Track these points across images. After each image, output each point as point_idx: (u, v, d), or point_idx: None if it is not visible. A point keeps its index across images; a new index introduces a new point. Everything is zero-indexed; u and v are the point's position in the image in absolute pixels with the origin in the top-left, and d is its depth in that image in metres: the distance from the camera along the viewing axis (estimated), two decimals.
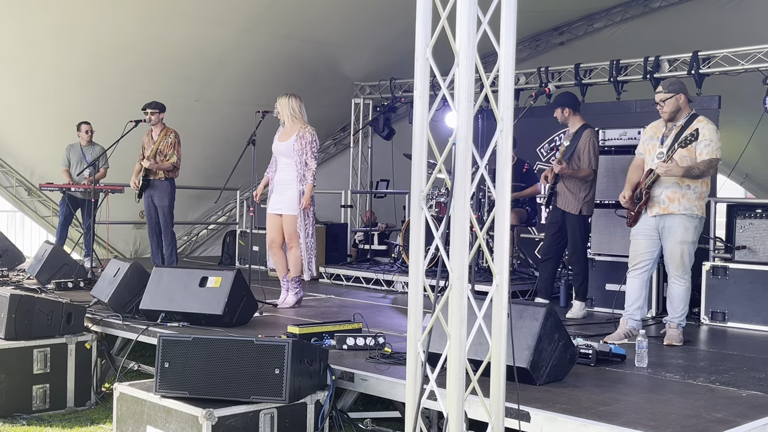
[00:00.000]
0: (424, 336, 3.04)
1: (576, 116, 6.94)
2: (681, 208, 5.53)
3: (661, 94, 5.63)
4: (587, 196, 6.88)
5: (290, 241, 6.88)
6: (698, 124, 5.52)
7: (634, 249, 5.72)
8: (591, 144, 6.82)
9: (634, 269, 5.71)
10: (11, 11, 8.83)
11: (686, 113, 5.63)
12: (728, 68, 8.48)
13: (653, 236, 5.64)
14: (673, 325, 5.69)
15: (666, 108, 5.59)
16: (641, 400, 4.15)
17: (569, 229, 6.92)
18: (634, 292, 5.71)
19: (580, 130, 6.89)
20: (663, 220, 5.58)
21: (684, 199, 5.53)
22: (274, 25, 9.84)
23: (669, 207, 5.55)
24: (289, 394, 4.02)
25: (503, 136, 3.00)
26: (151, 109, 8.45)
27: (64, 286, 7.56)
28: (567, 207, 6.87)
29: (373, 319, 6.24)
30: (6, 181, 10.94)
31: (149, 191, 8.54)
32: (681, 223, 5.54)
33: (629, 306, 5.72)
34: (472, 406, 3.58)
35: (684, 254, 5.57)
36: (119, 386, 4.41)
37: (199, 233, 12.94)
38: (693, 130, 5.42)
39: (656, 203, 5.58)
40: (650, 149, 5.70)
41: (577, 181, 6.84)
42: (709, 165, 5.49)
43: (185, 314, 5.86)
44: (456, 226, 2.86)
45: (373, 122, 11.22)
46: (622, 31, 12.01)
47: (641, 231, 5.69)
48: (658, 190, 5.57)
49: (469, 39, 2.86)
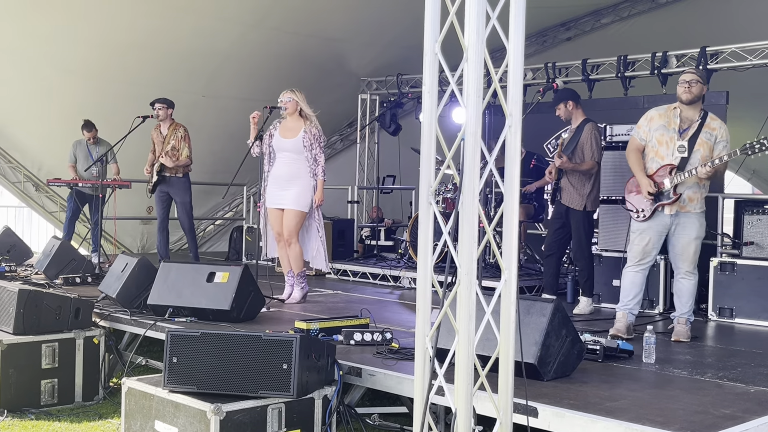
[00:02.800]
0: (433, 331, 3.04)
1: (578, 110, 6.93)
2: (697, 207, 5.55)
3: (691, 74, 5.56)
4: (591, 191, 6.85)
5: (290, 236, 6.88)
6: (714, 122, 5.53)
7: (643, 244, 5.61)
8: (593, 137, 6.79)
9: (641, 264, 5.64)
10: (18, 7, 8.84)
11: (701, 107, 5.59)
12: (736, 63, 8.44)
13: (663, 234, 5.60)
14: (682, 320, 5.67)
15: (694, 90, 5.48)
16: (649, 396, 4.14)
17: (573, 225, 6.89)
18: (636, 285, 5.65)
19: (582, 124, 6.87)
20: (679, 218, 5.54)
21: (700, 198, 5.57)
22: (281, 21, 9.83)
23: (688, 206, 5.53)
24: (297, 389, 4.03)
25: (512, 132, 3.00)
26: (160, 104, 8.47)
27: (71, 282, 7.59)
28: (571, 203, 6.85)
29: (380, 315, 6.25)
30: (14, 176, 10.97)
31: (164, 187, 8.57)
32: (697, 220, 5.55)
33: (630, 300, 5.64)
34: (480, 402, 3.58)
35: (697, 250, 5.60)
36: (127, 381, 4.42)
37: (206, 229, 12.96)
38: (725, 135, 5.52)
39: (677, 202, 5.53)
40: (667, 141, 5.53)
41: (580, 176, 6.81)
42: (725, 166, 5.58)
43: (193, 309, 5.88)
44: (465, 221, 2.85)
45: (379, 118, 11.20)
46: (630, 27, 11.98)
47: (654, 227, 5.59)
48: (681, 188, 5.51)
49: (478, 34, 2.85)
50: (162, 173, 8.50)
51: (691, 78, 5.52)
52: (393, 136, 11.05)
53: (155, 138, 8.60)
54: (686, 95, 5.51)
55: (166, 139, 8.49)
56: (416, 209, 10.14)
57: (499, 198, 8.03)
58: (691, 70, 5.72)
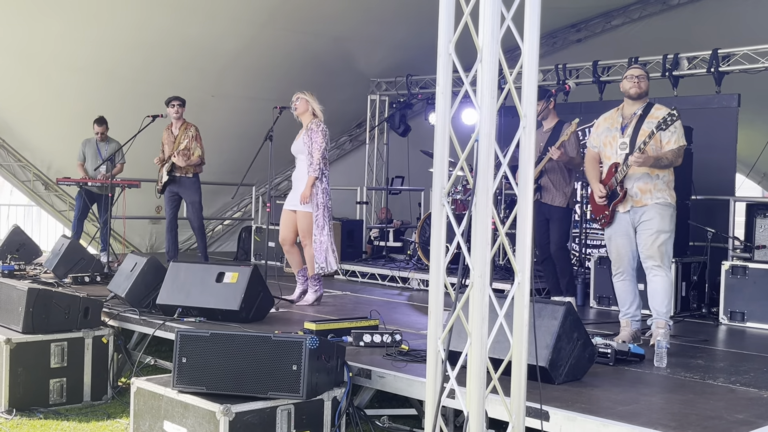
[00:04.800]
0: (445, 334, 3.02)
1: (554, 111, 6.95)
2: (654, 198, 5.33)
3: (639, 70, 5.51)
4: (571, 188, 6.89)
5: (304, 237, 6.85)
6: (662, 110, 5.34)
7: (615, 251, 5.50)
8: (575, 135, 6.79)
9: (620, 271, 5.50)
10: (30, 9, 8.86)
11: (646, 101, 5.47)
12: (748, 66, 8.40)
13: (630, 233, 5.42)
14: (661, 323, 5.32)
15: (643, 85, 5.41)
16: (661, 400, 4.11)
17: (555, 223, 6.86)
18: (628, 293, 5.50)
19: (558, 125, 6.87)
20: (636, 213, 5.37)
21: (656, 190, 5.34)
22: (290, 21, 9.83)
23: (642, 199, 5.35)
24: (307, 390, 4.01)
25: (526, 133, 2.98)
26: (176, 101, 8.48)
27: (80, 281, 7.58)
28: (554, 201, 6.85)
29: (389, 316, 6.23)
30: (23, 175, 10.99)
31: (174, 187, 8.57)
32: (657, 212, 5.31)
33: (627, 308, 5.50)
34: (492, 405, 3.55)
35: (661, 243, 5.31)
36: (136, 381, 4.41)
37: (215, 229, 12.96)
38: (666, 115, 5.23)
39: (629, 197, 5.38)
40: (610, 141, 5.48)
41: (560, 174, 6.82)
42: (678, 153, 5.32)
43: (202, 309, 5.86)
44: (478, 223, 2.83)
45: (389, 119, 11.18)
46: (640, 29, 11.94)
47: (618, 231, 5.46)
48: (629, 183, 5.37)
49: (492, 35, 2.84)
50: (172, 173, 8.49)
51: (640, 73, 5.48)
52: (402, 137, 11.04)
53: (166, 138, 8.58)
54: (635, 89, 5.42)
55: (177, 138, 8.48)
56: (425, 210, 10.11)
57: (508, 199, 8.01)
58: (637, 66, 5.67)
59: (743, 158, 11.96)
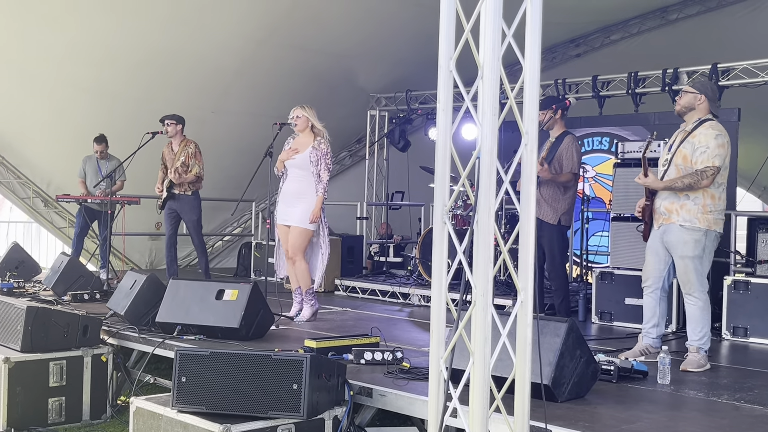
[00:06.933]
0: (447, 353, 2.99)
1: (561, 122, 6.81)
2: (680, 219, 5.23)
3: (685, 86, 5.45)
4: (565, 205, 6.70)
5: (294, 254, 6.83)
6: (702, 129, 5.19)
7: (645, 266, 5.50)
8: (574, 148, 6.68)
9: (645, 287, 5.49)
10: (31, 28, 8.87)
11: (698, 117, 5.26)
12: (748, 80, 8.39)
13: (660, 251, 5.37)
14: (692, 348, 5.28)
15: (680, 101, 5.33)
16: (665, 417, 4.07)
17: (546, 241, 6.69)
18: (648, 310, 5.48)
19: (562, 135, 6.77)
20: (665, 232, 5.32)
21: (683, 210, 5.21)
22: (290, 37, 9.84)
23: (670, 217, 5.28)
24: (307, 409, 3.98)
25: (528, 150, 2.96)
26: (169, 120, 8.47)
27: (80, 298, 7.54)
28: (544, 216, 6.66)
29: (390, 333, 6.19)
30: (23, 192, 10.96)
31: (173, 204, 8.55)
32: (680, 236, 5.21)
33: (645, 324, 5.51)
34: (495, 424, 3.51)
35: (689, 270, 5.20)
36: (136, 400, 4.38)
37: (215, 245, 12.93)
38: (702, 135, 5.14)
39: (659, 214, 5.35)
40: (664, 157, 5.47)
41: (554, 189, 6.66)
42: (700, 176, 5.10)
43: (201, 327, 5.83)
44: (480, 241, 2.81)
45: (388, 134, 11.19)
46: (639, 43, 11.95)
47: (650, 246, 5.45)
48: (658, 201, 5.35)
49: (493, 51, 2.82)
50: (171, 190, 8.48)
51: (684, 89, 5.45)
52: (402, 152, 11.03)
53: (166, 155, 8.59)
54: (676, 107, 5.39)
55: (176, 155, 8.48)
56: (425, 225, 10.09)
57: (509, 214, 7.97)
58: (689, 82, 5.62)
59: (744, 172, 11.96)
